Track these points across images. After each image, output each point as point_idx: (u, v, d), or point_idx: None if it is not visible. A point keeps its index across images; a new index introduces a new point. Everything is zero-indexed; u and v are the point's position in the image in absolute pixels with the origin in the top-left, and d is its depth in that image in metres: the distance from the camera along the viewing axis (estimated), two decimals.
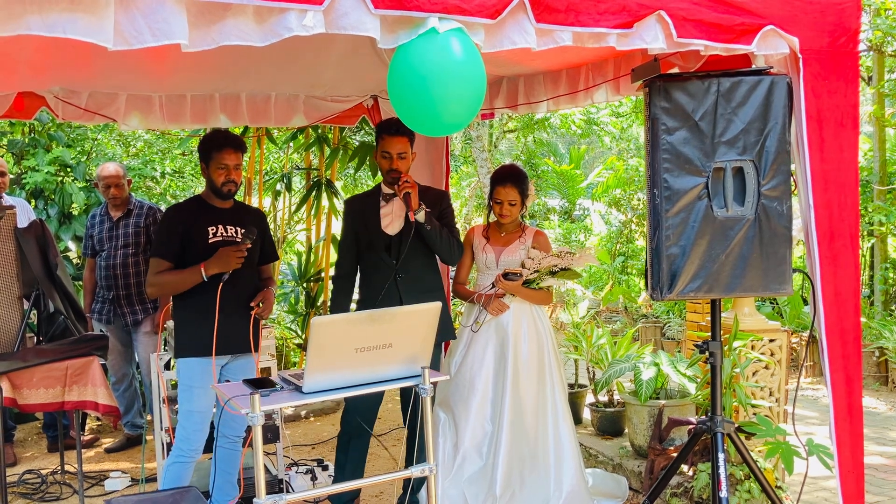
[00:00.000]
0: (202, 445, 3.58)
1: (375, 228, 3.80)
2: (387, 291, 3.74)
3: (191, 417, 3.53)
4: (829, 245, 2.94)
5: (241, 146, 3.62)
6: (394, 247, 3.78)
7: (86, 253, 5.38)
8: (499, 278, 3.87)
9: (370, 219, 3.83)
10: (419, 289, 3.76)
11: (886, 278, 7.99)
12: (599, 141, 13.55)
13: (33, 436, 5.88)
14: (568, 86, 4.43)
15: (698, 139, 2.87)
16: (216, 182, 3.57)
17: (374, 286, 3.82)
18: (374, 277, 3.83)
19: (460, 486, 3.89)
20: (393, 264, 3.76)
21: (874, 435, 5.56)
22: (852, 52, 2.96)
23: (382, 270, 3.79)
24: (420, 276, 3.80)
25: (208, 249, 3.53)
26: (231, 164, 3.56)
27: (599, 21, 2.55)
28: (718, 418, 3.13)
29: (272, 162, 9.90)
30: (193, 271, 3.47)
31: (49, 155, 6.58)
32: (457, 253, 3.86)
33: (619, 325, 9.31)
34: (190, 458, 3.54)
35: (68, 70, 3.90)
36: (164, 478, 3.55)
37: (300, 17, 2.14)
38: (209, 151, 3.57)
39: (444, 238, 3.75)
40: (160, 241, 3.62)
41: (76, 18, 1.90)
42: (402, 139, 3.69)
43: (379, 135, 3.75)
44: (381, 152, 3.72)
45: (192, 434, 3.54)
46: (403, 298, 3.71)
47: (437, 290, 3.90)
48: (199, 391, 3.53)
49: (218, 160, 3.55)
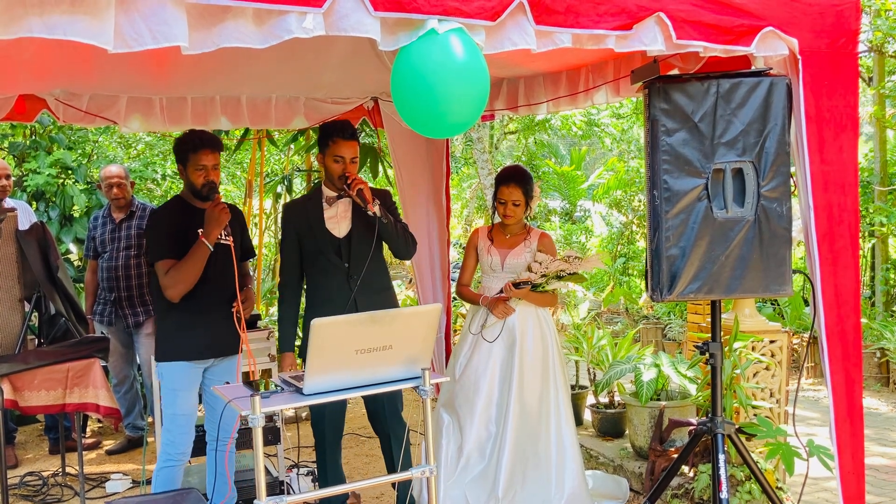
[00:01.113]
0: (189, 448, 3.56)
1: (321, 232, 3.70)
2: (340, 294, 3.65)
3: (176, 421, 3.50)
4: (830, 246, 2.94)
5: (217, 145, 3.54)
6: (343, 249, 3.68)
7: (87, 255, 5.39)
8: (509, 287, 3.84)
9: (314, 222, 3.71)
10: (372, 289, 3.69)
11: (887, 279, 7.99)
12: (600, 142, 13.56)
13: (34, 438, 5.89)
14: (568, 87, 4.43)
15: (698, 140, 2.88)
16: (195, 184, 3.49)
17: (323, 290, 3.72)
18: (322, 281, 3.73)
19: (462, 488, 3.89)
20: (344, 266, 3.67)
21: (875, 436, 5.55)
22: (852, 54, 2.96)
23: (332, 273, 3.69)
24: (371, 276, 3.69)
25: None
26: (209, 165, 3.49)
27: (599, 23, 2.55)
28: (719, 419, 3.13)
29: (273, 164, 9.91)
30: (197, 246, 3.40)
31: (50, 157, 6.59)
32: (412, 247, 3.77)
33: (620, 327, 9.31)
34: (178, 462, 3.52)
35: (69, 72, 3.91)
36: (155, 483, 3.51)
37: (300, 20, 2.14)
38: (185, 153, 3.49)
39: (400, 232, 3.67)
40: (158, 243, 3.50)
41: (77, 20, 1.90)
42: (355, 143, 3.62)
43: (331, 138, 3.62)
44: (334, 156, 3.60)
45: (178, 437, 3.51)
46: (357, 300, 3.63)
47: (387, 288, 3.83)
48: (184, 394, 3.51)
49: (195, 161, 3.47)
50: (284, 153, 8.44)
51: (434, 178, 5.58)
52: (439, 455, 3.93)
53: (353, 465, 5.06)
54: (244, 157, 9.36)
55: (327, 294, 3.69)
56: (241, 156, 9.41)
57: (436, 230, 5.64)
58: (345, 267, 3.67)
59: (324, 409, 3.68)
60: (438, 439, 3.98)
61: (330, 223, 3.70)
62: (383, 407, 3.73)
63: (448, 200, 5.64)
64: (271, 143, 6.84)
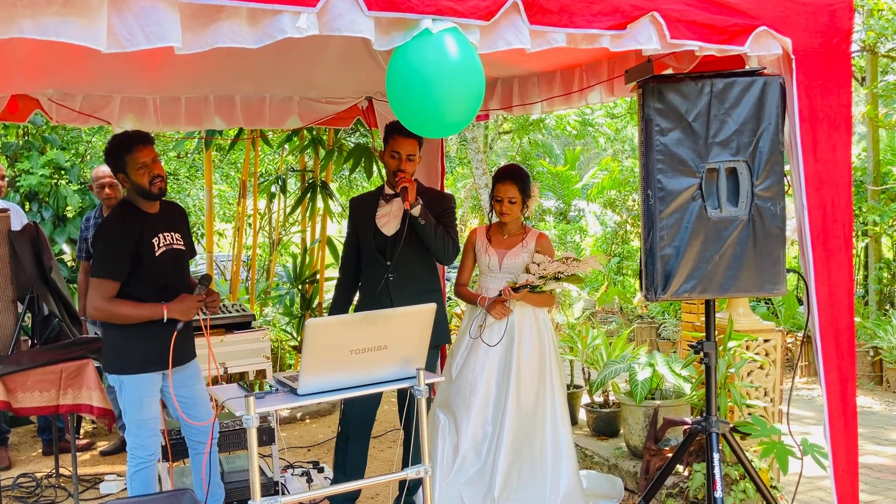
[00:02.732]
0: (158, 449, 3.52)
1: (372, 228, 3.81)
2: (379, 292, 3.73)
3: (144, 426, 3.44)
4: (823, 245, 2.94)
5: (148, 139, 3.41)
6: (388, 247, 3.77)
7: (80, 256, 5.37)
8: (508, 290, 3.85)
9: (368, 218, 3.84)
10: (413, 290, 3.74)
11: (881, 278, 8.01)
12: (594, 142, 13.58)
13: (28, 439, 5.86)
14: (562, 87, 4.43)
15: (692, 140, 2.88)
16: (142, 184, 3.36)
17: (368, 286, 3.83)
18: (370, 278, 3.84)
19: (458, 488, 3.89)
20: (386, 265, 3.76)
21: (869, 434, 5.57)
22: (845, 53, 2.97)
23: (377, 270, 3.80)
24: (414, 277, 3.78)
25: (155, 263, 3.41)
26: (148, 160, 3.35)
27: (593, 22, 2.55)
28: (713, 418, 3.13)
29: (267, 164, 9.89)
30: (154, 310, 3.32)
31: (43, 158, 6.57)
32: (451, 252, 3.83)
33: (615, 326, 9.32)
34: (150, 463, 3.47)
35: (62, 72, 3.89)
36: (132, 487, 3.44)
37: (294, 19, 2.13)
38: (121, 157, 3.35)
39: (439, 235, 3.72)
40: (109, 259, 3.33)
41: (69, 21, 1.89)
42: (413, 141, 3.68)
43: (390, 134, 3.73)
44: (391, 152, 3.70)
45: (147, 440, 3.46)
46: (394, 299, 3.69)
47: (432, 291, 3.88)
48: (149, 400, 3.46)
49: (134, 161, 3.34)
50: (279, 153, 8.42)
51: (429, 177, 5.57)
52: (435, 455, 3.93)
53: None
54: (238, 157, 9.35)
55: (369, 289, 3.80)
56: (235, 156, 9.39)
57: None
58: (386, 265, 3.74)
59: (354, 401, 3.68)
60: (434, 439, 3.97)
61: (381, 221, 3.81)
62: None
63: None
64: (265, 142, 6.83)
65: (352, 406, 3.80)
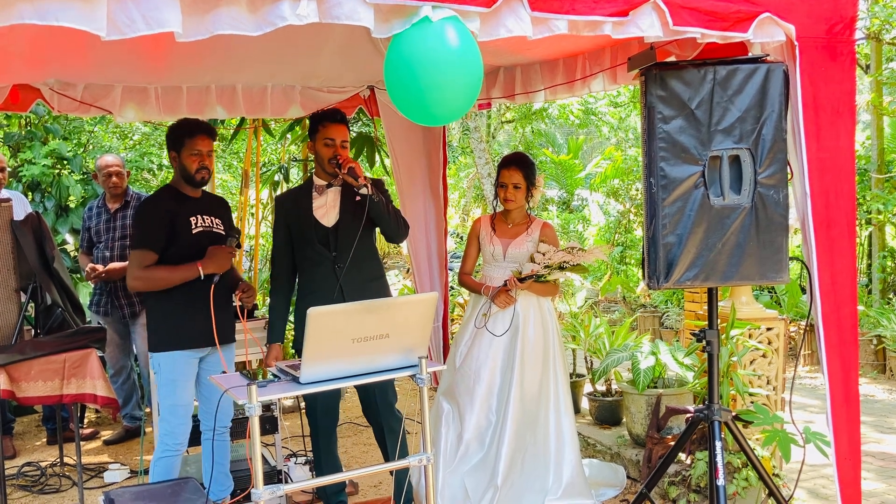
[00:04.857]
0: (187, 438, 3.57)
1: (309, 221, 3.68)
2: (326, 283, 3.63)
3: (175, 412, 3.50)
4: (826, 233, 2.93)
5: (212, 132, 3.59)
6: (330, 238, 3.66)
7: (82, 245, 5.38)
8: (514, 281, 3.84)
9: (303, 212, 3.70)
10: (361, 278, 3.66)
11: (884, 266, 8.00)
12: (597, 131, 13.56)
13: (32, 428, 5.89)
14: (565, 75, 4.42)
15: (694, 127, 2.87)
16: (190, 169, 3.52)
17: (312, 280, 3.71)
18: (311, 272, 3.71)
19: (461, 476, 3.90)
20: (331, 256, 3.64)
21: (873, 423, 5.57)
22: (849, 40, 2.95)
23: (319, 263, 3.67)
24: (359, 265, 3.66)
25: (192, 240, 3.51)
26: (204, 150, 3.52)
27: (595, 9, 2.54)
28: (716, 407, 3.13)
29: (269, 153, 9.88)
30: (190, 269, 3.43)
31: (45, 147, 6.57)
32: (404, 229, 3.73)
33: (618, 315, 9.32)
34: (177, 452, 3.52)
35: (63, 62, 3.89)
36: (153, 473, 3.52)
37: (294, 6, 2.13)
38: (181, 139, 3.52)
39: (391, 212, 3.64)
40: (146, 232, 3.50)
41: (69, 6, 1.89)
42: (344, 127, 3.64)
43: (320, 122, 3.65)
44: (325, 140, 3.62)
45: (177, 428, 3.51)
46: (344, 289, 3.61)
47: (377, 278, 3.79)
48: (182, 384, 3.51)
49: (191, 147, 3.51)
50: (281, 142, 8.41)
51: (431, 167, 5.57)
52: (438, 443, 3.94)
53: (351, 454, 5.07)
54: (240, 146, 9.33)
55: (315, 284, 3.68)
56: (237, 145, 9.38)
57: (433, 219, 5.64)
58: (331, 256, 3.64)
59: (317, 398, 3.68)
60: (438, 427, 3.98)
61: (318, 212, 3.69)
62: (375, 398, 3.72)
63: (445, 190, 5.63)
64: (267, 132, 6.81)
65: (313, 403, 3.76)
